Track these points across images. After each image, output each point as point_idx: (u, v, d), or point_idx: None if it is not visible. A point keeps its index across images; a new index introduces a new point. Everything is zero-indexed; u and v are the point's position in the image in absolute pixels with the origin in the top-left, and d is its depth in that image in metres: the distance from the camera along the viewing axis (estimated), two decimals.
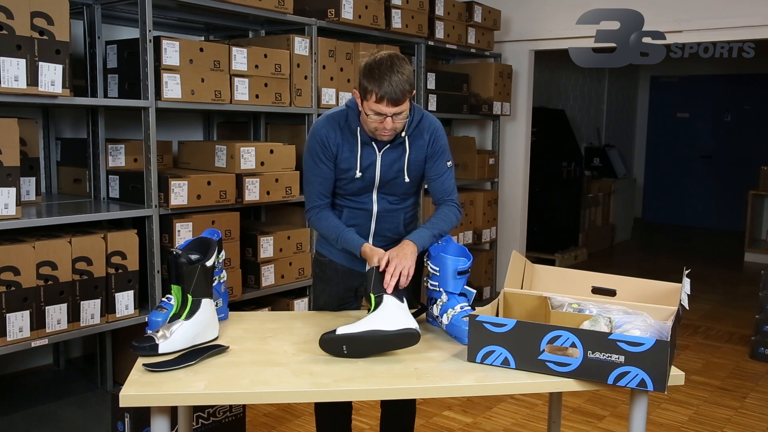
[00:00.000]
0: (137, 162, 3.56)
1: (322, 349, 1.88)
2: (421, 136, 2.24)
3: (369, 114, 2.08)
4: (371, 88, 2.03)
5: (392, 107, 2.04)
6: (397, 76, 2.02)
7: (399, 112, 2.07)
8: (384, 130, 2.11)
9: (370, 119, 2.10)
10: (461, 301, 2.07)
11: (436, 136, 2.26)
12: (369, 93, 2.04)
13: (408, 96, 2.06)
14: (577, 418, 3.43)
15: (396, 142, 2.22)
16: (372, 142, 2.21)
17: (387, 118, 2.07)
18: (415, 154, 2.25)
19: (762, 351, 4.32)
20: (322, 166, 2.22)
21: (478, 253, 5.38)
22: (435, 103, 4.91)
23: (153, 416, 1.71)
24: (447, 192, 2.34)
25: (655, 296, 2.10)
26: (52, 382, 3.69)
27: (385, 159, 2.22)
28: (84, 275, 2.97)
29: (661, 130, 9.89)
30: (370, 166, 2.22)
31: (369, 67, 2.05)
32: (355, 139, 2.20)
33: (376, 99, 2.03)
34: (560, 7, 5.47)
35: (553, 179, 6.93)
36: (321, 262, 2.44)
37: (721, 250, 8.06)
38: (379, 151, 2.22)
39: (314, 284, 2.51)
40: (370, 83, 2.03)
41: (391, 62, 2.04)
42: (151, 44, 3.11)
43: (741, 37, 4.72)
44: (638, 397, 1.80)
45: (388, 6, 4.36)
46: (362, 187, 2.26)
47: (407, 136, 2.22)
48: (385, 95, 2.02)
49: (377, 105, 2.04)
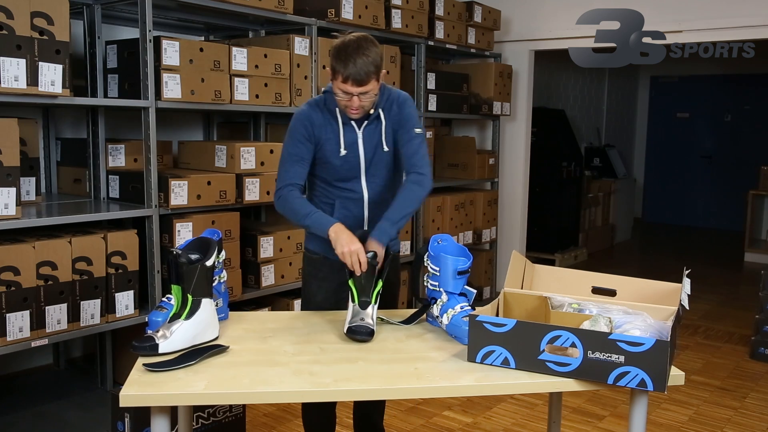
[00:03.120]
0: (137, 162, 3.56)
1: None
2: (391, 107, 2.33)
3: (337, 92, 2.18)
4: (338, 69, 2.13)
5: (357, 87, 2.14)
6: (362, 58, 2.11)
7: (365, 91, 2.16)
8: (351, 108, 2.20)
9: (338, 97, 2.20)
10: (461, 301, 2.07)
11: (402, 104, 2.33)
12: (336, 73, 2.15)
13: (373, 77, 2.15)
14: (577, 418, 3.43)
15: (372, 116, 2.30)
16: (351, 122, 2.29)
17: (353, 97, 2.16)
18: (389, 125, 2.33)
19: (762, 351, 4.32)
20: (301, 147, 2.28)
21: (478, 253, 5.38)
22: (435, 103, 4.92)
23: (153, 416, 1.71)
24: (414, 160, 2.30)
25: (655, 296, 2.10)
26: (52, 382, 3.69)
27: (366, 136, 2.31)
28: (84, 275, 2.97)
29: (661, 130, 9.89)
30: (353, 144, 2.30)
31: (337, 49, 2.15)
32: (335, 119, 2.29)
33: (342, 79, 2.13)
34: (560, 7, 5.47)
35: (553, 179, 6.93)
36: (313, 259, 2.43)
37: (721, 250, 8.06)
38: (359, 128, 2.30)
39: (307, 283, 2.49)
40: (338, 64, 2.13)
41: (358, 44, 2.14)
42: (151, 44, 3.11)
43: (741, 37, 4.72)
44: (638, 397, 1.80)
45: (388, 6, 4.36)
46: (349, 170, 2.31)
47: (381, 109, 2.30)
48: (350, 75, 2.12)
49: (343, 85, 2.14)
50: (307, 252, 2.47)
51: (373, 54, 2.14)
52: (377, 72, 2.16)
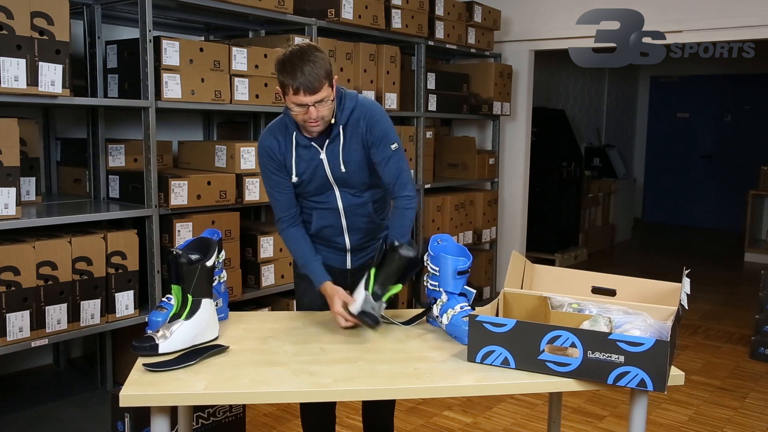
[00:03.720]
0: (137, 162, 3.56)
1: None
2: (357, 125, 2.20)
3: (292, 108, 2.09)
4: (287, 82, 2.04)
5: (310, 96, 2.03)
6: (309, 66, 2.01)
7: (319, 99, 2.05)
8: (311, 120, 2.09)
9: (294, 113, 2.10)
10: (461, 301, 2.07)
11: (372, 122, 2.20)
12: (286, 87, 2.05)
13: (325, 82, 2.05)
14: (577, 418, 3.43)
15: (333, 134, 2.19)
16: (312, 143, 2.20)
17: (309, 107, 2.06)
18: (350, 144, 2.21)
19: (762, 351, 4.32)
20: (275, 178, 2.25)
21: (478, 253, 5.38)
22: (435, 103, 4.91)
23: (153, 416, 1.71)
24: (395, 180, 2.24)
25: (655, 296, 2.10)
26: (52, 382, 3.69)
27: (329, 155, 2.21)
28: (84, 275, 2.97)
29: (661, 130, 9.89)
30: (318, 165, 2.21)
31: (281, 62, 2.06)
32: (291, 144, 2.21)
33: (294, 91, 2.03)
34: (560, 7, 5.47)
35: (553, 179, 6.92)
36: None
37: (721, 250, 8.06)
38: (322, 148, 2.20)
39: (296, 284, 2.49)
40: (285, 77, 2.04)
41: (302, 52, 2.04)
42: (151, 44, 3.11)
43: (741, 37, 4.72)
44: (638, 397, 1.80)
45: (388, 6, 4.36)
46: (318, 187, 2.26)
47: (341, 126, 2.19)
48: (300, 86, 2.02)
49: (296, 97, 2.04)
50: None
51: (320, 59, 2.04)
52: (328, 77, 2.06)
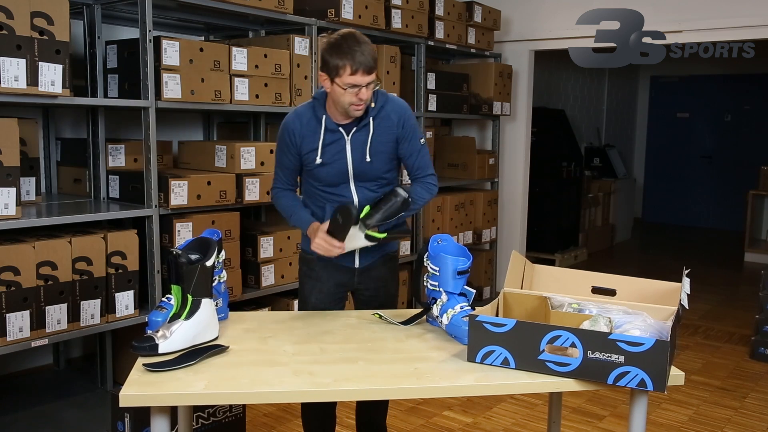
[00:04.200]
0: (137, 162, 3.56)
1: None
2: (387, 118, 2.28)
3: (345, 89, 2.12)
4: (343, 63, 2.09)
5: (368, 75, 2.11)
6: (364, 46, 2.11)
7: (372, 81, 2.14)
8: (358, 102, 2.15)
9: (346, 94, 2.13)
10: (461, 301, 2.07)
11: (405, 117, 2.30)
12: (341, 68, 2.10)
13: (376, 64, 2.14)
14: (577, 418, 3.43)
15: (361, 124, 2.26)
16: (339, 128, 2.25)
17: (362, 88, 2.12)
18: (380, 137, 2.27)
19: (762, 351, 4.32)
20: (285, 158, 2.35)
21: (478, 253, 5.38)
22: (435, 103, 4.91)
23: (153, 416, 1.71)
24: (423, 168, 2.37)
25: (655, 296, 2.10)
26: (52, 382, 3.69)
27: (354, 142, 2.27)
28: (84, 275, 2.97)
29: (661, 130, 9.89)
30: (340, 152, 2.26)
31: (335, 45, 2.11)
32: (320, 127, 2.26)
33: (351, 71, 2.09)
34: (560, 7, 5.47)
35: (553, 179, 6.93)
36: (308, 259, 2.44)
37: (721, 250, 8.06)
38: (348, 134, 2.26)
39: (302, 283, 2.49)
40: (342, 58, 2.09)
41: (355, 36, 2.13)
42: (151, 44, 3.11)
43: (741, 37, 4.72)
44: (638, 397, 1.80)
45: (388, 6, 4.36)
46: (335, 176, 2.28)
47: (371, 118, 2.26)
48: (359, 66, 2.08)
49: (353, 77, 2.10)
50: (302, 252, 2.49)
51: (370, 44, 2.15)
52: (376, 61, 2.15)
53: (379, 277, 2.46)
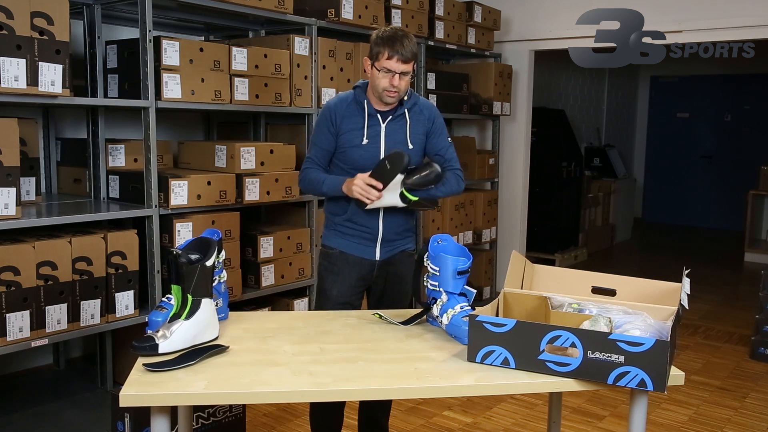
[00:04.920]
0: (137, 162, 3.56)
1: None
2: (420, 113, 2.51)
3: (380, 71, 2.34)
4: (383, 50, 2.33)
5: (402, 65, 2.32)
6: (407, 40, 2.34)
7: (406, 71, 2.35)
8: (391, 88, 2.35)
9: (381, 77, 2.34)
10: (461, 301, 2.07)
11: (435, 115, 2.56)
12: (381, 54, 2.33)
13: (414, 60, 2.35)
14: (577, 418, 3.43)
15: (397, 114, 2.46)
16: (377, 114, 2.44)
17: (395, 75, 2.33)
18: (415, 127, 2.50)
19: (762, 351, 4.32)
20: (323, 137, 2.47)
21: (478, 253, 5.38)
22: (435, 103, 4.90)
23: (153, 416, 1.71)
24: (454, 161, 2.60)
25: (655, 296, 2.10)
26: (52, 382, 3.69)
27: (388, 130, 2.45)
28: (84, 275, 2.97)
29: (661, 130, 9.89)
30: (376, 136, 2.44)
31: (383, 34, 2.36)
32: (362, 111, 2.44)
33: (388, 56, 2.32)
34: (560, 7, 5.47)
35: (553, 179, 6.92)
36: (330, 254, 2.54)
37: (721, 250, 8.06)
38: (383, 122, 2.44)
39: (323, 277, 2.57)
40: (384, 46, 2.33)
41: (402, 30, 2.38)
42: (151, 44, 3.11)
43: (741, 37, 4.72)
44: (638, 397, 1.80)
45: (388, 6, 4.36)
46: (368, 159, 2.41)
47: (407, 110, 2.47)
48: (395, 53, 2.31)
49: (388, 62, 2.32)
50: (324, 247, 2.57)
51: (415, 41, 2.37)
52: (416, 58, 2.36)
53: (396, 272, 2.55)
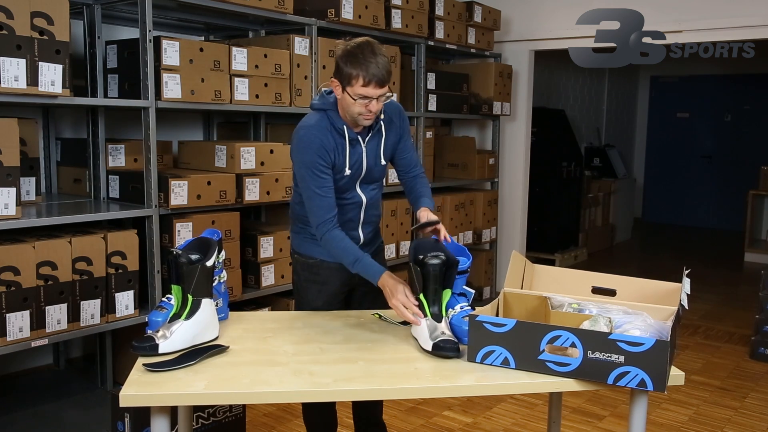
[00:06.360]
0: (137, 162, 3.56)
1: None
2: (391, 120, 2.31)
3: (355, 99, 2.09)
4: (356, 73, 2.05)
5: (379, 89, 2.08)
6: (380, 58, 2.07)
7: (383, 93, 2.11)
8: (368, 113, 2.12)
9: (356, 104, 2.10)
10: (461, 301, 2.07)
11: (402, 115, 2.36)
12: (354, 78, 2.06)
13: (390, 76, 2.11)
14: (577, 418, 3.43)
15: (374, 129, 2.27)
16: (357, 137, 2.24)
17: (372, 101, 2.09)
18: (390, 138, 2.32)
19: (762, 351, 4.32)
20: (325, 177, 2.17)
21: (478, 253, 5.38)
22: (435, 103, 4.91)
23: (153, 416, 1.71)
24: (415, 163, 2.43)
25: (655, 296, 2.10)
26: (52, 382, 3.69)
27: (368, 149, 2.27)
28: (84, 275, 2.97)
29: (661, 130, 9.89)
30: (358, 159, 2.26)
31: (350, 53, 2.07)
32: (343, 139, 2.21)
33: (364, 83, 2.06)
34: (560, 7, 5.47)
35: (553, 179, 6.93)
36: (310, 264, 2.37)
37: (721, 250, 8.06)
38: (363, 142, 2.25)
39: (305, 289, 2.40)
40: (355, 68, 2.05)
41: (371, 46, 2.08)
42: (151, 44, 3.11)
43: (741, 37, 4.72)
44: (638, 397, 1.80)
45: (388, 6, 4.35)
46: (349, 182, 2.28)
47: (381, 122, 2.27)
48: (372, 78, 2.05)
49: (364, 88, 2.07)
50: (301, 257, 2.40)
51: (386, 54, 2.10)
52: (391, 73, 2.13)
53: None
